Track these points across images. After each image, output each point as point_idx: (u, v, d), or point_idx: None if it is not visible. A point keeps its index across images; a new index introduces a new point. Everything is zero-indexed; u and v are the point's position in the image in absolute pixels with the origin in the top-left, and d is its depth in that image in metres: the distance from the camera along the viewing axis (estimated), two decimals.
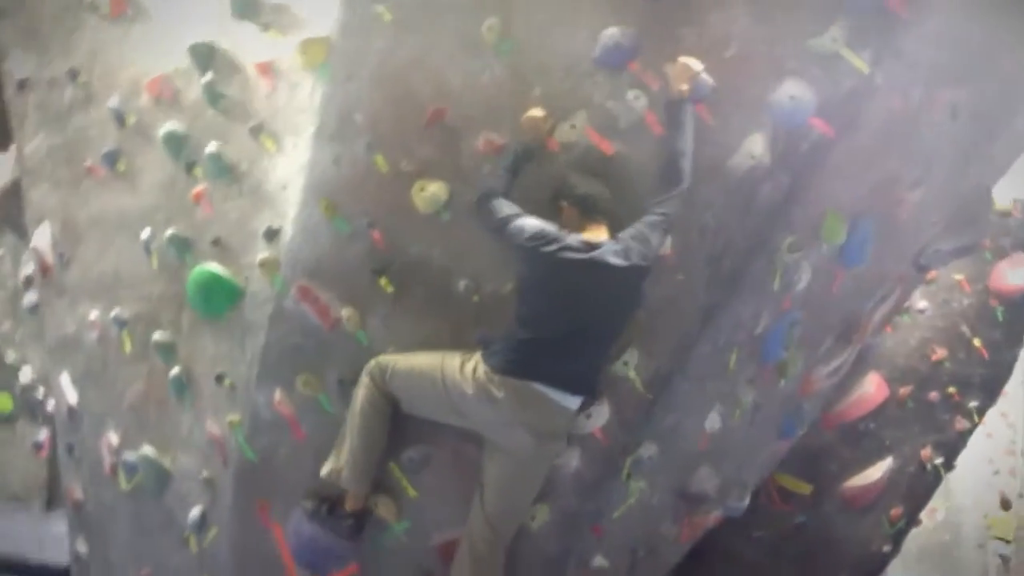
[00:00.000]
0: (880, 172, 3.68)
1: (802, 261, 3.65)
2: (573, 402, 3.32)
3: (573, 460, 3.53)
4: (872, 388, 5.95)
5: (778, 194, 3.39)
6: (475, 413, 3.35)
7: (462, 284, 3.57)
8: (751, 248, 3.46)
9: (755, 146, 3.34)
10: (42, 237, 4.92)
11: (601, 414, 3.47)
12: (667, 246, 3.36)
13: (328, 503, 3.63)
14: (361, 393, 3.49)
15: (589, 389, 3.37)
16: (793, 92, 3.30)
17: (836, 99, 3.33)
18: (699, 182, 3.30)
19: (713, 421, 3.88)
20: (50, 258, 4.86)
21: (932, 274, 5.74)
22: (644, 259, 3.20)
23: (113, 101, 4.57)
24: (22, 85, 5.21)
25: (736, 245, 3.43)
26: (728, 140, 3.36)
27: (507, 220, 3.29)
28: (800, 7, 3.33)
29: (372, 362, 3.51)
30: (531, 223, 3.26)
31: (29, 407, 9.31)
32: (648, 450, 3.67)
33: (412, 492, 3.62)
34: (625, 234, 3.24)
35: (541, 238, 3.22)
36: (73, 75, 4.84)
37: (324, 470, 3.57)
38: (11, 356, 9.30)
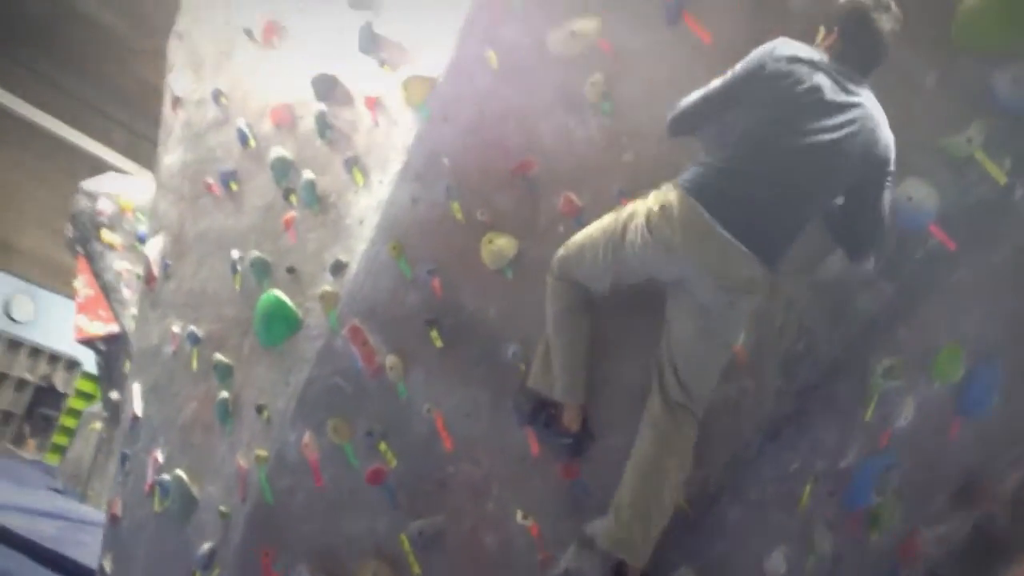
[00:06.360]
0: (1018, 306, 3.11)
1: (905, 394, 3.11)
2: (755, 260, 2.74)
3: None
4: None
5: (877, 306, 2.91)
6: (658, 263, 2.84)
7: (511, 350, 3.26)
8: (839, 363, 2.98)
9: None
10: (154, 248, 4.99)
11: None
12: (738, 341, 2.92)
13: (547, 412, 3.18)
14: (549, 296, 3.11)
15: (770, 257, 2.77)
16: (912, 193, 2.85)
17: (963, 208, 2.86)
18: (786, 276, 2.88)
19: (777, 563, 3.32)
20: (156, 269, 4.91)
21: None
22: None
23: (240, 123, 4.62)
24: (176, 102, 5.39)
25: (820, 356, 2.96)
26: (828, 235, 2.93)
27: (713, 89, 2.86)
28: (941, 100, 2.90)
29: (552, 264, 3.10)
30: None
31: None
32: None
33: (416, 569, 3.27)
34: None
35: (793, 59, 2.74)
36: (217, 96, 4.94)
37: (531, 382, 3.18)
38: None
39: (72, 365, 15.75)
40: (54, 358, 15.79)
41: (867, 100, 2.75)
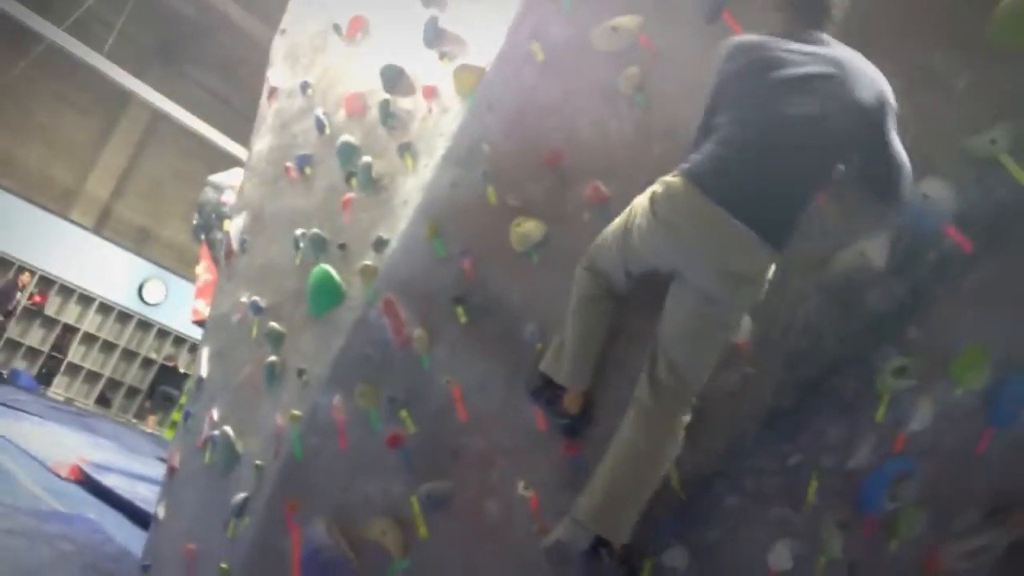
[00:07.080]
0: None
1: (920, 396, 3.04)
2: (760, 243, 2.74)
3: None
4: None
5: (886, 304, 2.88)
6: (658, 246, 2.87)
7: (529, 330, 3.36)
8: (844, 360, 2.95)
9: (869, 244, 2.88)
10: (236, 225, 5.30)
11: None
12: (744, 332, 2.95)
13: (553, 393, 3.25)
14: (575, 284, 3.16)
15: (776, 237, 2.77)
16: (929, 191, 2.81)
17: (982, 210, 2.80)
18: (794, 272, 2.89)
19: (781, 557, 3.27)
20: (235, 244, 5.21)
21: None
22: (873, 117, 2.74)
23: (319, 111, 4.88)
24: (272, 93, 5.71)
25: (824, 352, 2.94)
26: (840, 231, 2.92)
27: (706, 104, 2.96)
28: (968, 100, 2.86)
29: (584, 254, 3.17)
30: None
31: None
32: (675, 558, 3.16)
33: (423, 531, 3.39)
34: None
35: (748, 48, 2.87)
36: (304, 87, 5.23)
37: (542, 364, 3.27)
38: None
39: (195, 347, 16.58)
40: (179, 340, 16.67)
41: (835, 54, 2.76)
